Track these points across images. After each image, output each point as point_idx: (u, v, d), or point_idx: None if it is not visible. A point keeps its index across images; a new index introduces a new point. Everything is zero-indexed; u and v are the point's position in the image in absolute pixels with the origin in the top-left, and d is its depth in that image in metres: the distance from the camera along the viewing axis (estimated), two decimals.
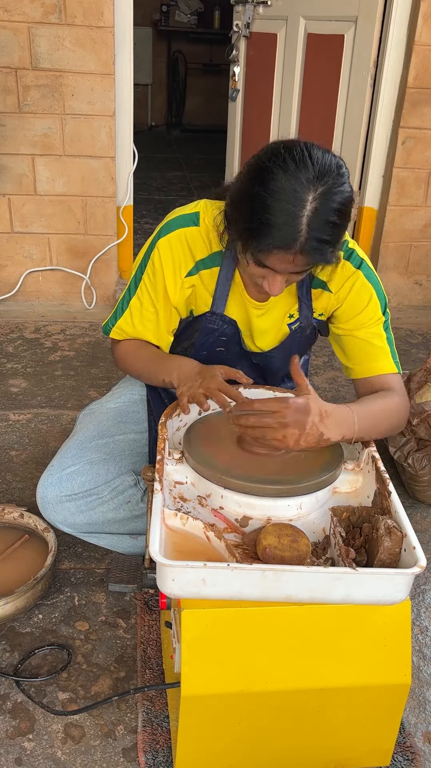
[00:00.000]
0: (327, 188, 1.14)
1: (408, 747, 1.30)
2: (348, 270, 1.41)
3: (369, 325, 1.41)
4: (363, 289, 1.41)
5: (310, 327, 1.49)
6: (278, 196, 1.13)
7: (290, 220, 1.13)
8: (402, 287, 3.42)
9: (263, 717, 1.11)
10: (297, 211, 1.13)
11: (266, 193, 1.14)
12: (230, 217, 1.27)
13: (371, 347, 1.42)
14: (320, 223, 1.14)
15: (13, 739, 1.28)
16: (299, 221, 1.13)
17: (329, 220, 1.15)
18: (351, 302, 1.41)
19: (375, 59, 3.05)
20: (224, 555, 1.08)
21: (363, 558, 1.10)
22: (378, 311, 1.42)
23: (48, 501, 1.50)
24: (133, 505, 1.56)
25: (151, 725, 1.29)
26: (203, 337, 1.48)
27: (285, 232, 1.14)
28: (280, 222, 1.13)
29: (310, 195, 1.13)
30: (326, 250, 1.17)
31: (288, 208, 1.13)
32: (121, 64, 2.91)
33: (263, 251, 1.18)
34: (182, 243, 1.38)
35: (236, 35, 3.56)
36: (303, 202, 1.13)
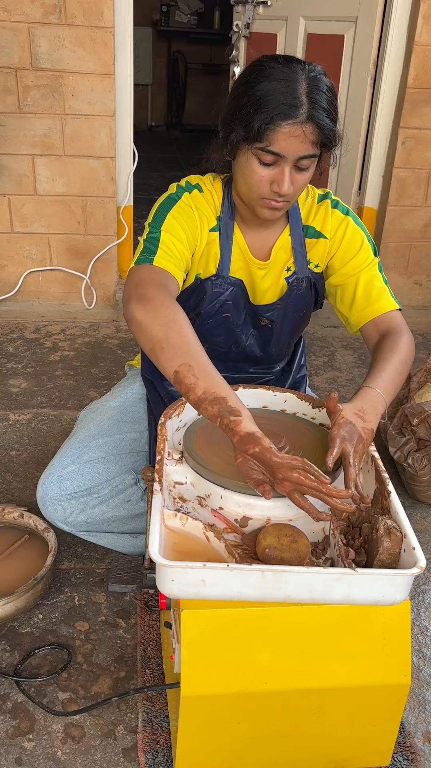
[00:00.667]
0: (315, 73, 1.26)
1: (408, 747, 1.30)
2: (338, 216, 1.49)
3: (366, 269, 1.47)
4: (356, 234, 1.48)
5: (306, 279, 1.52)
6: (274, 75, 1.24)
7: (290, 89, 1.23)
8: (402, 287, 3.42)
9: (263, 717, 1.11)
10: (295, 83, 1.23)
11: (262, 76, 1.25)
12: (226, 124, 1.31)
13: (372, 288, 1.47)
14: (318, 93, 1.24)
15: (13, 739, 1.28)
16: (298, 90, 1.23)
17: (325, 94, 1.25)
18: (345, 247, 1.48)
19: (375, 59, 3.05)
20: (224, 555, 1.08)
21: (363, 558, 1.10)
22: (371, 254, 1.49)
23: (48, 500, 1.50)
24: (133, 504, 1.56)
25: (151, 725, 1.29)
26: (209, 305, 1.49)
27: (288, 98, 1.22)
28: (282, 91, 1.22)
29: (302, 74, 1.25)
30: (327, 120, 1.26)
31: (286, 82, 1.23)
32: (121, 64, 2.91)
33: (270, 127, 1.23)
34: (204, 202, 1.43)
35: (236, 35, 3.55)
36: (297, 76, 1.24)
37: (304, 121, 1.23)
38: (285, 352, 1.67)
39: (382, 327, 1.45)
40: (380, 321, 1.46)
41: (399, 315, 1.48)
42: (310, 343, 2.99)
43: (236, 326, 1.53)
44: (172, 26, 7.47)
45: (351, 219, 1.49)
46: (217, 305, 1.49)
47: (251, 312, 1.53)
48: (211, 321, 1.52)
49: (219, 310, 1.50)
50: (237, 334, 1.55)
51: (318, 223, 1.49)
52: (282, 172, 1.28)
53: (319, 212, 1.49)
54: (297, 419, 1.40)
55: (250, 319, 1.54)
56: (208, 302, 1.49)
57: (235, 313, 1.51)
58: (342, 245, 1.48)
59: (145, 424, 1.64)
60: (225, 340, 1.56)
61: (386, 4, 2.96)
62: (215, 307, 1.50)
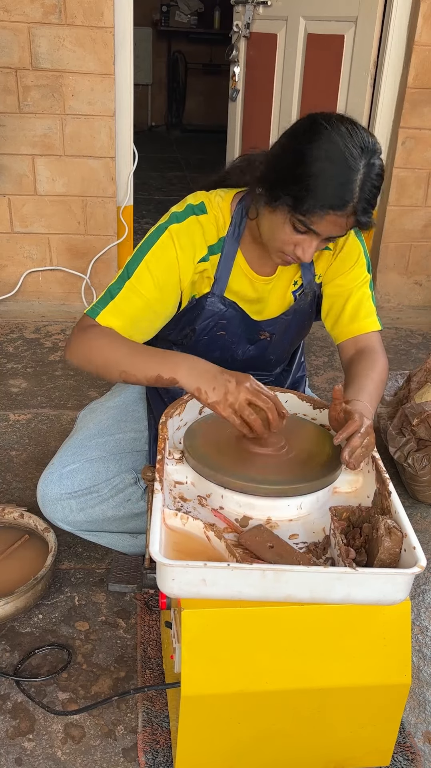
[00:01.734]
0: (372, 156, 1.21)
1: (408, 747, 1.30)
2: None
3: (358, 286, 1.49)
4: (354, 247, 1.49)
5: (311, 293, 1.53)
6: (335, 157, 1.18)
7: (347, 180, 1.19)
8: (402, 287, 3.42)
9: (263, 717, 1.11)
10: (353, 173, 1.19)
11: (321, 152, 1.19)
12: (271, 178, 1.26)
13: (361, 308, 1.49)
14: (369, 186, 1.21)
15: (13, 739, 1.28)
16: (354, 182, 1.19)
17: (375, 185, 1.23)
18: (342, 258, 1.49)
19: (375, 59, 3.05)
20: (224, 555, 1.08)
21: (363, 558, 1.10)
22: (365, 270, 1.50)
23: (48, 499, 1.50)
24: (133, 503, 1.56)
25: (151, 725, 1.29)
26: (204, 321, 1.48)
27: (343, 191, 1.19)
28: (338, 181, 1.19)
29: (362, 160, 1.20)
30: (370, 214, 1.25)
31: (345, 170, 1.19)
32: (121, 64, 2.91)
33: (317, 212, 1.21)
34: (197, 230, 1.38)
35: (236, 35, 3.56)
36: (357, 164, 1.19)
37: (349, 214, 1.22)
38: (284, 358, 1.67)
39: (361, 344, 1.48)
40: (360, 339, 1.49)
41: (378, 336, 1.51)
42: (310, 343, 2.99)
43: (231, 343, 1.52)
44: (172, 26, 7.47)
45: (352, 232, 1.48)
46: (212, 323, 1.48)
47: (248, 329, 1.51)
48: (206, 338, 1.51)
49: (214, 328, 1.49)
50: (233, 350, 1.54)
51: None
52: (310, 243, 1.28)
53: None
54: (298, 420, 1.40)
55: (246, 336, 1.53)
56: (203, 319, 1.47)
57: (231, 329, 1.50)
58: (340, 256, 1.49)
59: (144, 424, 1.64)
60: (221, 356, 1.54)
61: (386, 4, 2.96)
62: (209, 325, 1.49)
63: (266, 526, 1.15)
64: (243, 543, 1.11)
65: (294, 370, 1.75)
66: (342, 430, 1.18)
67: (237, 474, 1.19)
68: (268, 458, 1.24)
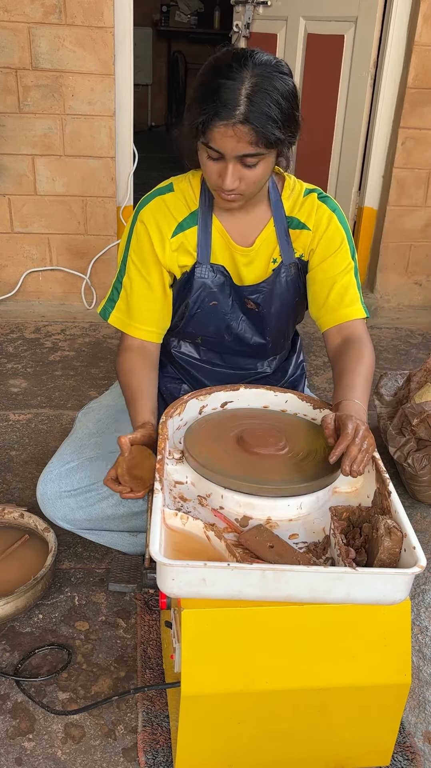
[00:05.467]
0: (265, 70, 1.24)
1: (408, 747, 1.30)
2: (324, 210, 1.50)
3: (342, 273, 1.49)
4: (337, 232, 1.50)
5: (293, 265, 1.53)
6: (217, 71, 1.24)
7: (227, 89, 1.22)
8: (402, 287, 3.42)
9: (263, 717, 1.11)
10: (234, 82, 1.22)
11: (205, 75, 1.26)
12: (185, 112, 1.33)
13: (346, 294, 1.49)
14: (260, 96, 1.22)
15: (13, 739, 1.28)
16: (236, 90, 1.22)
17: (270, 95, 1.23)
18: (326, 243, 1.49)
19: (375, 59, 3.06)
20: (224, 555, 1.08)
21: (363, 558, 1.10)
22: (349, 256, 1.51)
23: (48, 497, 1.50)
24: (132, 502, 1.56)
25: (151, 725, 1.29)
26: (195, 293, 1.51)
27: (224, 98, 1.22)
28: (220, 90, 1.22)
29: (248, 73, 1.23)
30: (268, 123, 1.24)
31: (225, 81, 1.22)
32: (121, 64, 2.91)
33: (207, 126, 1.24)
34: (162, 208, 1.47)
35: (236, 35, 3.56)
36: (240, 74, 1.23)
37: (238, 123, 1.23)
38: (280, 343, 1.66)
39: (345, 332, 1.48)
40: (345, 326, 1.49)
41: (363, 324, 1.51)
42: (310, 343, 2.99)
43: (224, 313, 1.54)
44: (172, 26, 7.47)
45: (335, 216, 1.49)
46: (203, 293, 1.51)
47: (237, 296, 1.54)
48: (199, 311, 1.53)
49: (206, 299, 1.52)
50: (227, 321, 1.55)
51: (303, 215, 1.49)
52: (225, 167, 1.31)
53: (305, 205, 1.50)
54: (298, 420, 1.40)
55: (238, 305, 1.55)
56: (195, 290, 1.51)
57: (222, 299, 1.53)
58: (323, 240, 1.49)
59: None
60: (216, 330, 1.57)
61: (386, 4, 2.97)
62: (202, 296, 1.51)
63: (266, 526, 1.15)
64: (243, 543, 1.11)
65: (292, 368, 1.75)
66: (336, 446, 1.17)
67: (238, 474, 1.19)
68: (268, 458, 1.24)
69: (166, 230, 1.46)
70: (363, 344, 1.45)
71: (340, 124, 3.27)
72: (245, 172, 1.31)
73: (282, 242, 1.50)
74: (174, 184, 1.50)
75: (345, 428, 1.18)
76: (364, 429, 1.19)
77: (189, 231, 1.47)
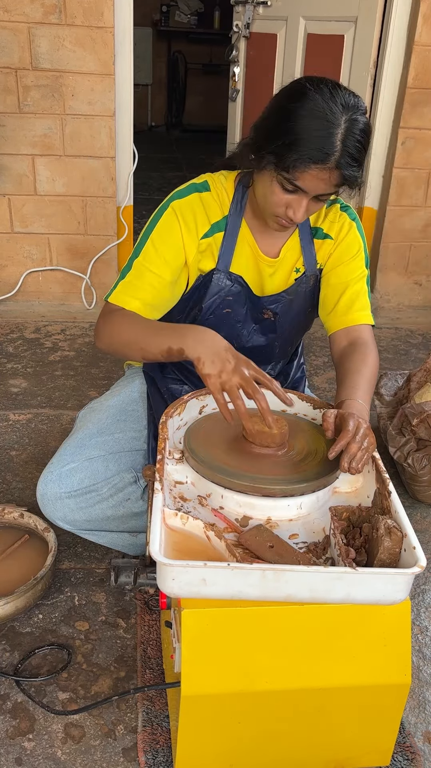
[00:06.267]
0: (354, 112, 1.26)
1: (408, 747, 1.30)
2: (345, 219, 1.53)
3: (355, 280, 1.51)
4: (355, 240, 1.53)
5: (313, 276, 1.55)
6: (316, 113, 1.24)
7: (327, 134, 1.23)
8: (402, 287, 3.42)
9: (263, 717, 1.11)
10: (334, 127, 1.24)
11: (304, 110, 1.24)
12: (258, 140, 1.32)
13: (356, 301, 1.51)
14: (352, 141, 1.25)
15: (13, 739, 1.28)
16: (335, 136, 1.24)
17: (358, 140, 1.26)
18: (342, 249, 1.52)
19: (375, 59, 3.05)
20: (224, 555, 1.08)
21: (363, 558, 1.10)
22: (363, 265, 1.54)
23: (48, 498, 1.50)
24: (133, 502, 1.56)
25: (151, 725, 1.29)
26: (210, 299, 1.51)
27: (323, 144, 1.23)
28: (319, 135, 1.23)
29: (343, 116, 1.24)
30: (356, 169, 1.28)
31: (325, 124, 1.23)
32: (121, 64, 2.91)
33: (299, 166, 1.25)
34: (199, 206, 1.45)
35: (236, 35, 3.56)
36: (338, 120, 1.24)
37: (332, 168, 1.26)
38: (287, 351, 1.68)
39: (352, 336, 1.50)
40: (351, 330, 1.51)
41: (370, 330, 1.53)
42: (310, 344, 2.99)
43: (237, 321, 1.55)
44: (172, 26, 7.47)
45: (355, 226, 1.53)
46: (218, 300, 1.51)
47: (253, 306, 1.54)
48: (212, 317, 1.53)
49: (221, 305, 1.52)
50: (239, 329, 1.56)
51: (326, 225, 1.52)
52: (299, 202, 1.32)
53: (329, 215, 1.52)
54: (298, 420, 1.40)
55: (251, 314, 1.55)
56: (209, 296, 1.51)
57: (237, 307, 1.53)
58: (341, 247, 1.52)
59: (143, 423, 1.64)
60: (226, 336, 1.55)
61: (386, 4, 2.97)
62: (216, 302, 1.51)
63: (266, 526, 1.15)
64: (243, 543, 1.11)
65: (293, 370, 1.75)
66: (336, 443, 1.18)
67: (238, 474, 1.19)
68: (268, 458, 1.24)
69: (199, 229, 1.44)
70: (369, 348, 1.47)
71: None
72: (312, 206, 1.34)
73: (307, 252, 1.52)
74: (209, 183, 1.47)
75: (347, 425, 1.19)
76: (365, 427, 1.19)
77: (218, 235, 1.47)
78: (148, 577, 1.26)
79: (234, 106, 3.76)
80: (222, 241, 1.46)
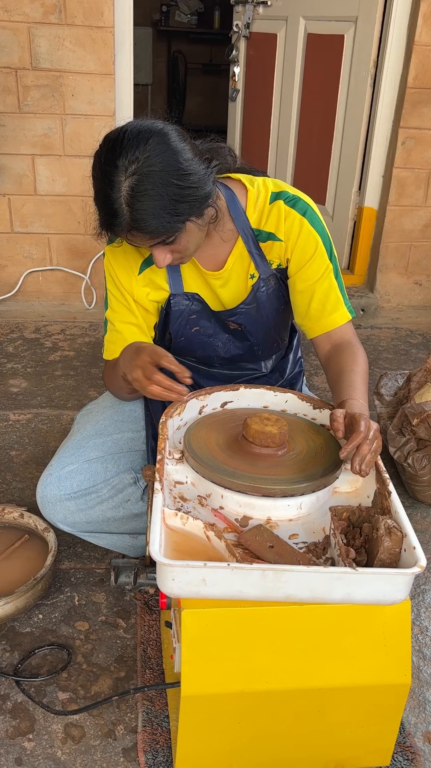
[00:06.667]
0: (139, 167, 1.18)
1: (408, 747, 1.30)
2: (293, 216, 1.43)
3: (321, 279, 1.46)
4: (310, 237, 1.44)
5: (272, 277, 1.51)
6: (98, 177, 1.24)
7: (107, 200, 1.21)
8: (402, 287, 3.42)
9: (263, 717, 1.11)
10: (112, 193, 1.20)
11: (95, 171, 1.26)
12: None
13: (327, 301, 1.47)
14: (141, 198, 1.19)
15: (13, 739, 1.28)
16: (116, 203, 1.21)
17: (149, 195, 1.19)
18: (300, 251, 1.45)
19: (375, 59, 3.06)
20: (224, 555, 1.08)
21: (363, 558, 1.10)
22: (326, 259, 1.46)
23: (48, 500, 1.50)
24: (132, 503, 1.56)
25: (151, 725, 1.29)
26: (175, 322, 1.51)
27: (108, 216, 1.23)
28: (104, 202, 1.23)
29: (122, 175, 1.19)
30: (156, 221, 1.21)
31: (104, 190, 1.22)
32: (121, 64, 2.91)
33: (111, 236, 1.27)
34: (124, 247, 1.46)
35: (236, 35, 3.56)
36: (116, 181, 1.20)
37: (129, 230, 1.23)
38: (271, 348, 1.64)
39: (335, 338, 1.49)
40: (332, 333, 1.49)
41: (350, 327, 1.51)
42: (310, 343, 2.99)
43: (208, 336, 1.53)
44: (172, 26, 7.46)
45: (306, 221, 1.43)
46: (183, 321, 1.51)
47: (217, 319, 1.53)
48: (182, 339, 1.53)
49: (187, 326, 1.51)
50: (213, 343, 1.55)
51: (271, 226, 1.44)
52: (153, 254, 1.31)
53: (272, 214, 1.44)
54: (298, 420, 1.40)
55: (220, 326, 1.54)
56: (174, 320, 1.50)
57: (203, 323, 1.52)
58: (297, 249, 1.45)
59: (142, 424, 1.64)
60: (203, 353, 1.57)
61: (386, 4, 2.96)
62: (182, 324, 1.51)
63: (266, 526, 1.15)
64: (244, 543, 1.11)
65: (290, 366, 1.74)
66: (348, 443, 1.16)
67: (237, 474, 1.19)
68: (268, 458, 1.24)
69: (133, 267, 1.47)
70: (355, 347, 1.46)
71: (340, 123, 3.27)
72: (174, 247, 1.30)
73: (255, 257, 1.46)
74: None
75: (358, 426, 1.17)
76: (375, 429, 1.18)
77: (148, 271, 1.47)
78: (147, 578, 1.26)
79: (234, 106, 3.76)
80: (166, 269, 1.46)
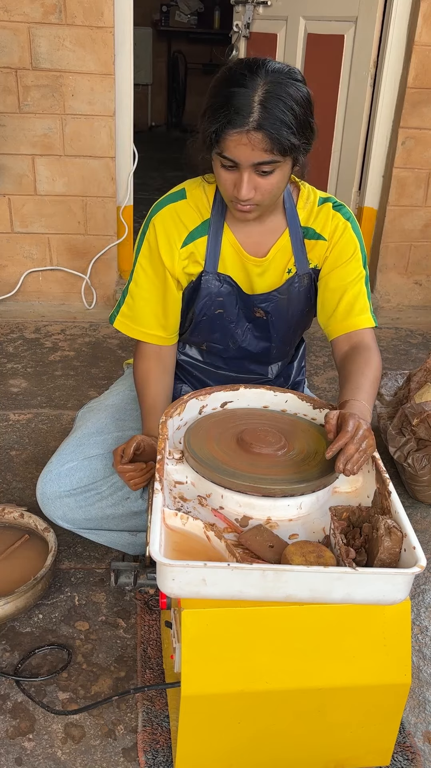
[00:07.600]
0: (277, 77, 1.24)
1: (408, 747, 1.30)
2: (339, 219, 1.50)
3: (353, 282, 1.49)
4: (350, 241, 1.50)
5: (307, 276, 1.53)
6: (229, 80, 1.24)
7: (241, 97, 1.22)
8: (402, 287, 3.42)
9: (263, 717, 1.11)
10: (248, 90, 1.22)
11: (218, 84, 1.26)
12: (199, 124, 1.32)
13: (356, 304, 1.49)
14: (274, 102, 1.22)
15: (13, 739, 1.28)
16: (250, 98, 1.22)
17: (283, 101, 1.22)
18: (338, 252, 1.49)
19: (375, 59, 3.05)
20: (224, 555, 1.08)
21: (363, 558, 1.10)
22: (360, 265, 1.51)
23: (47, 497, 1.51)
24: (132, 501, 1.56)
25: (151, 725, 1.29)
26: (201, 300, 1.52)
27: (237, 105, 1.22)
28: (231, 99, 1.22)
29: (260, 80, 1.23)
30: (282, 130, 1.23)
31: (238, 87, 1.22)
32: (121, 64, 2.91)
33: (221, 134, 1.24)
34: (173, 217, 1.46)
35: (236, 35, 3.56)
36: (253, 82, 1.23)
37: (251, 130, 1.22)
38: (285, 350, 1.67)
39: (354, 340, 1.49)
40: (353, 335, 1.50)
41: (372, 333, 1.52)
42: (310, 343, 2.99)
43: (230, 321, 1.55)
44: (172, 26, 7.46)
45: (350, 225, 1.50)
46: (209, 301, 1.52)
47: (245, 305, 1.54)
48: (205, 318, 1.54)
49: (212, 306, 1.53)
50: (232, 330, 1.56)
51: (318, 225, 1.49)
52: (240, 177, 1.30)
53: (320, 215, 1.50)
54: (298, 420, 1.40)
55: (244, 314, 1.55)
56: (201, 298, 1.52)
57: (228, 307, 1.53)
58: (336, 248, 1.49)
59: None
60: (221, 337, 1.58)
61: (386, 4, 2.96)
62: (207, 303, 1.52)
63: (266, 526, 1.15)
64: (244, 543, 1.11)
65: (294, 373, 1.75)
66: (334, 443, 1.17)
67: (238, 474, 1.19)
68: (268, 458, 1.24)
69: (176, 239, 1.46)
70: (371, 352, 1.46)
71: (340, 123, 3.27)
72: (260, 181, 1.30)
73: (298, 253, 1.50)
74: (187, 191, 1.48)
75: (346, 425, 1.18)
76: (365, 429, 1.19)
77: (199, 240, 1.47)
78: (147, 578, 1.26)
79: None
80: (207, 245, 1.47)
